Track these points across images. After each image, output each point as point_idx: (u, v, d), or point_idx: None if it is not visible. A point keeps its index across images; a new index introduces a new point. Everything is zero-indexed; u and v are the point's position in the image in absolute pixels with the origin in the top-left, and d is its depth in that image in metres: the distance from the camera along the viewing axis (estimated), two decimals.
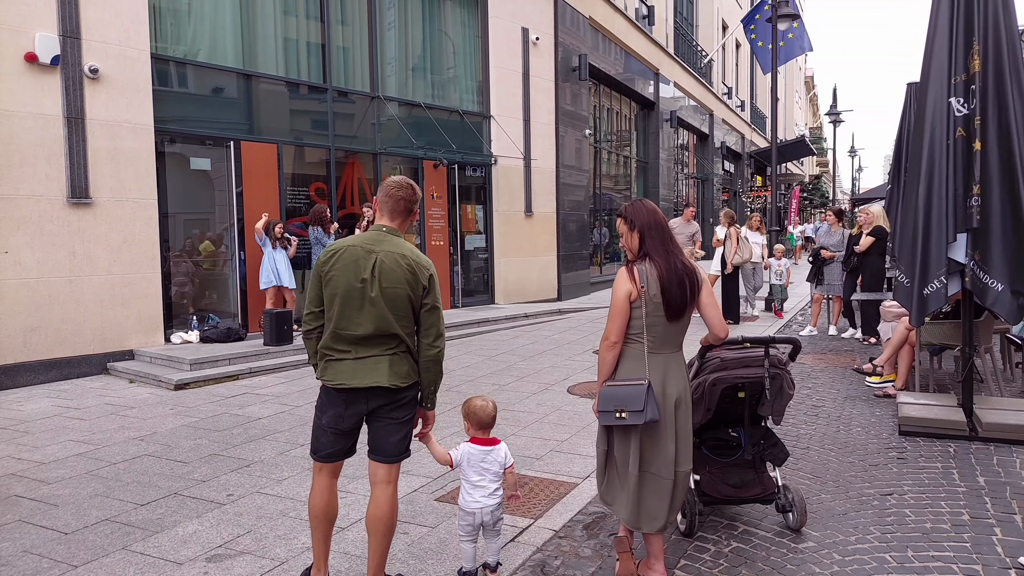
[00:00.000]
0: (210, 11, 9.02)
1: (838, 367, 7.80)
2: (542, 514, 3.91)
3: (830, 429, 5.47)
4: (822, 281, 9.84)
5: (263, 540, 3.65)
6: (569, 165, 14.21)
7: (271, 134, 9.53)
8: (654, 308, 2.94)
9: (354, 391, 2.87)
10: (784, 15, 12.67)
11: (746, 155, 31.29)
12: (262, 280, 8.61)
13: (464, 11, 12.47)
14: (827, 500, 4.05)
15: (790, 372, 3.59)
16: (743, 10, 28.23)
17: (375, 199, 3.10)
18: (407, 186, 3.02)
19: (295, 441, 5.29)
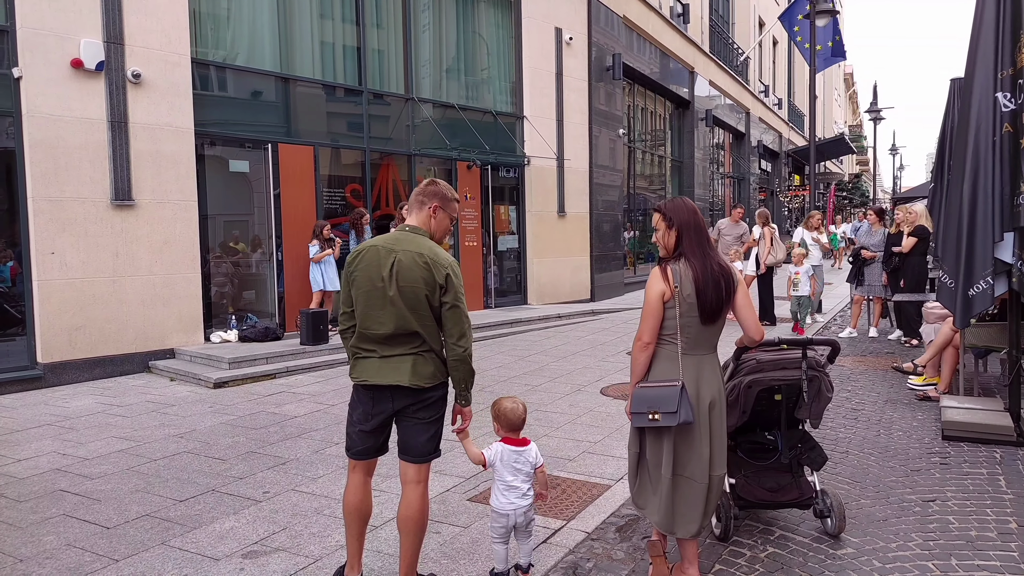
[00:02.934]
0: (248, 16, 9.19)
1: (878, 370, 7.61)
2: (574, 516, 3.89)
3: (870, 433, 5.34)
4: (862, 282, 9.62)
5: (298, 537, 3.69)
6: (603, 165, 14.14)
7: (308, 136, 9.67)
8: (688, 309, 2.90)
9: (379, 389, 2.90)
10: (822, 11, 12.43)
11: (783, 154, 30.75)
12: (313, 284, 8.83)
13: (498, 12, 12.50)
14: (867, 505, 3.95)
15: (828, 374, 3.51)
16: (780, 7, 27.74)
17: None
18: (428, 182, 3.07)
19: (330, 440, 5.35)
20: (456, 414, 3.07)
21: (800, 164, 33.02)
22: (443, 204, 3.02)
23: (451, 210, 3.07)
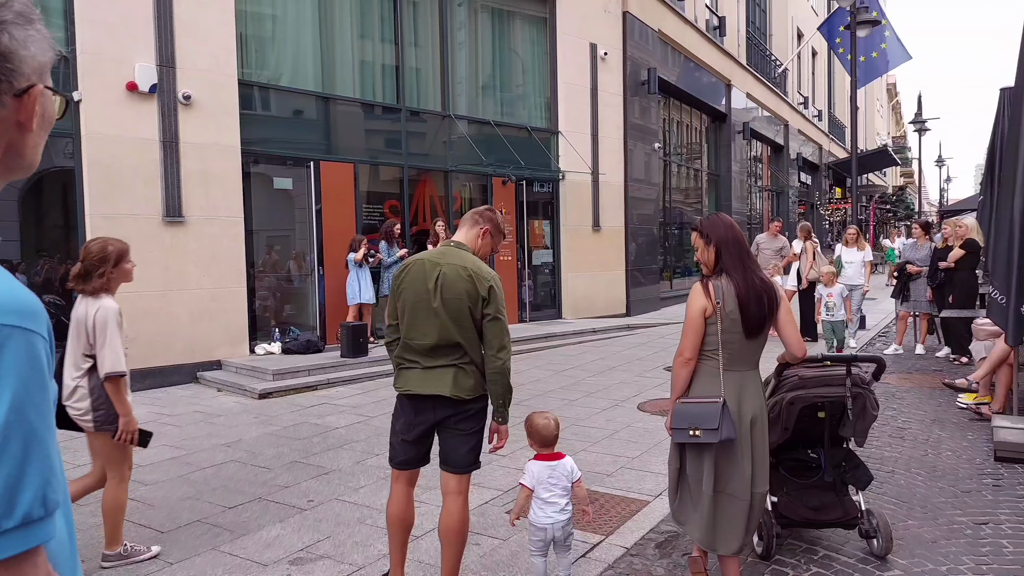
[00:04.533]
0: (292, 38, 9.47)
1: (925, 388, 7.44)
2: (613, 531, 3.90)
3: (917, 452, 5.23)
4: (908, 297, 9.40)
5: (341, 546, 3.77)
6: (638, 179, 14.12)
7: (348, 154, 9.88)
8: (730, 324, 2.91)
9: (421, 399, 2.98)
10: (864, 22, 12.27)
11: (824, 166, 30.28)
12: (349, 296, 8.98)
13: (532, 29, 12.64)
14: (914, 527, 3.88)
15: (874, 392, 3.47)
16: (819, 17, 27.44)
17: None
18: (486, 208, 3.23)
19: (370, 451, 5.44)
20: (493, 432, 3.12)
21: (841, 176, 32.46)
22: (493, 231, 3.14)
23: (498, 240, 3.21)
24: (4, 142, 0.95)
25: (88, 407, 3.41)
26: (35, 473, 0.82)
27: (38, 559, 0.83)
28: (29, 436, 0.82)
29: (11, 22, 0.91)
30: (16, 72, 0.92)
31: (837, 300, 8.70)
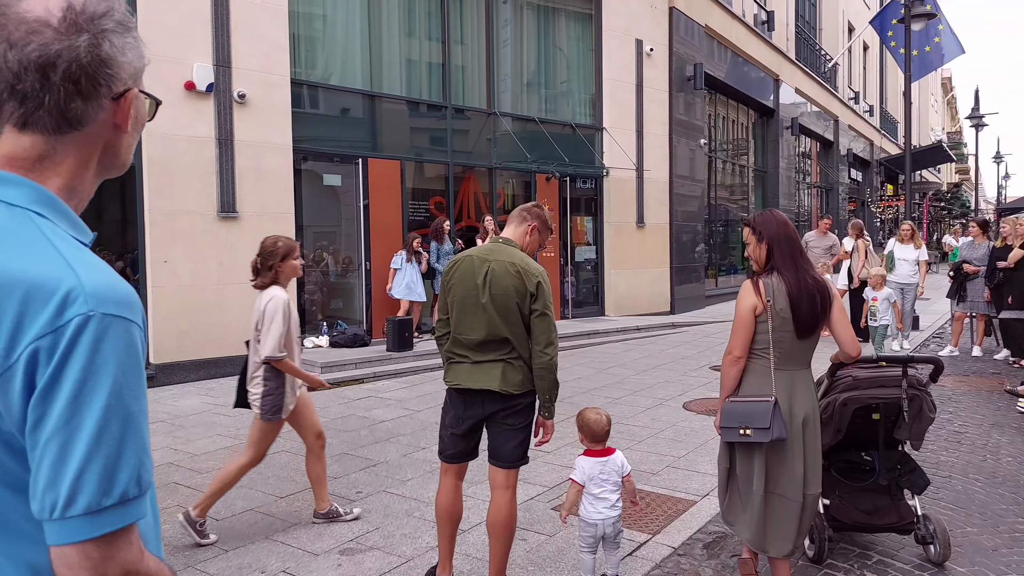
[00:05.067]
0: (341, 37, 9.63)
1: (983, 391, 7.21)
2: (660, 530, 3.89)
3: (975, 457, 5.08)
4: (964, 298, 9.10)
5: (390, 537, 3.84)
6: (683, 175, 13.97)
7: (395, 151, 10.01)
8: (781, 323, 2.88)
9: (470, 393, 3.02)
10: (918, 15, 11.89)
11: (875, 162, 29.46)
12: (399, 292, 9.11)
13: (578, 25, 12.60)
14: (973, 534, 3.77)
15: (931, 394, 3.39)
16: (871, 11, 26.67)
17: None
18: (534, 205, 3.26)
19: (417, 444, 5.53)
20: (539, 427, 3.14)
21: (893, 173, 31.55)
22: (541, 227, 3.17)
23: (545, 236, 3.24)
24: (102, 143, 1.01)
25: (260, 393, 3.73)
26: (131, 455, 0.87)
27: (132, 536, 0.88)
28: (127, 420, 0.87)
29: (112, 30, 0.97)
30: (115, 77, 0.98)
31: (882, 305, 8.14)
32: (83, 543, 0.84)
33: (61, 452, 0.83)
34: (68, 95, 0.94)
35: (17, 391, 0.84)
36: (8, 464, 0.87)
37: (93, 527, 0.84)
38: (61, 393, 0.83)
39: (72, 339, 0.84)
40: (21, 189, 0.93)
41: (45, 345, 0.84)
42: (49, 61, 0.91)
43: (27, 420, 0.85)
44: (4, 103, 0.93)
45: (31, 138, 0.95)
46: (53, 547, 0.85)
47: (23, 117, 0.94)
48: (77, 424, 0.83)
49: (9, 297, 0.85)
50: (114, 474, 0.85)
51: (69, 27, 0.93)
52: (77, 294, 0.85)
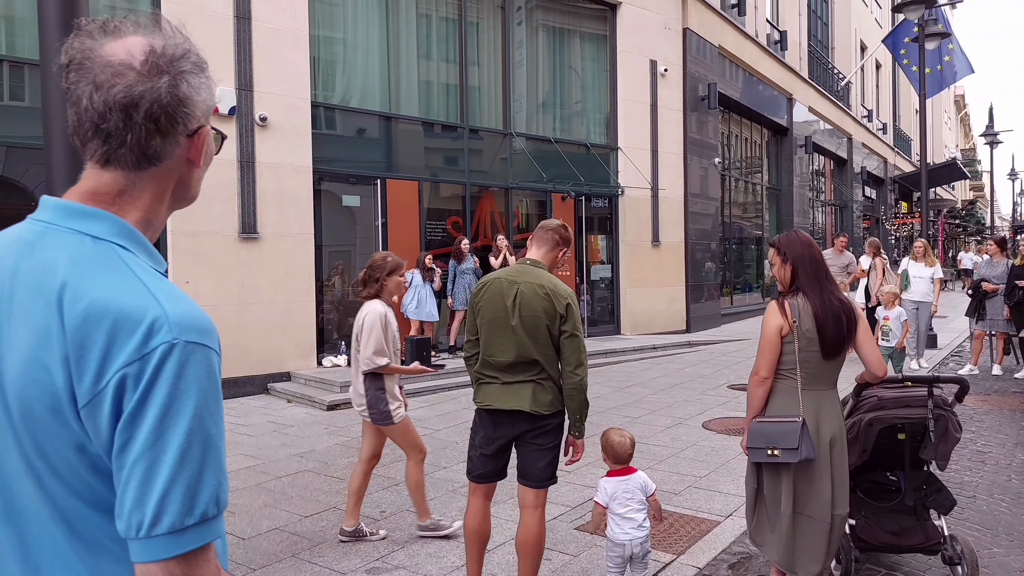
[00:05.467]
0: (361, 60, 9.81)
1: (1004, 409, 7.15)
2: (684, 550, 3.89)
3: (999, 477, 5.04)
4: (984, 316, 9.06)
5: (415, 556, 3.87)
6: (697, 194, 14.02)
7: (412, 172, 10.15)
8: (807, 343, 2.91)
9: (500, 413, 3.06)
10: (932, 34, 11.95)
11: (889, 180, 29.39)
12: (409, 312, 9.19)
13: (592, 46, 12.75)
14: (999, 555, 3.75)
15: (956, 414, 3.40)
16: (883, 29, 26.79)
17: (531, 236, 3.33)
18: (558, 224, 3.28)
19: (437, 464, 5.55)
20: (569, 445, 3.18)
21: (907, 191, 31.43)
22: (562, 243, 3.21)
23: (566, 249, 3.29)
24: (176, 177, 1.07)
25: (364, 404, 3.97)
26: (211, 476, 0.91)
27: (210, 554, 0.92)
28: (207, 442, 0.91)
29: (189, 71, 1.02)
30: (191, 115, 1.03)
31: (894, 324, 7.79)
32: (167, 560, 0.88)
33: (147, 474, 0.87)
34: (149, 133, 0.99)
35: (105, 416, 0.88)
36: (94, 485, 0.92)
37: (177, 545, 0.88)
38: (147, 417, 0.88)
39: (158, 366, 0.88)
40: (105, 223, 0.99)
41: (132, 372, 0.88)
42: (133, 102, 0.97)
43: (114, 443, 0.89)
44: (89, 141, 0.99)
45: (112, 174, 1.01)
46: (138, 564, 0.89)
47: (106, 155, 0.99)
48: (162, 447, 0.88)
49: (98, 326, 0.89)
50: (196, 494, 0.89)
51: (151, 69, 0.98)
52: (162, 323, 0.90)
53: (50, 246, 0.96)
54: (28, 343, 0.91)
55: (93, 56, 0.98)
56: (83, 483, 0.92)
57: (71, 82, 0.98)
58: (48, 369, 0.89)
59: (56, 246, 0.96)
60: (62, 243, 0.96)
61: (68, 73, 0.99)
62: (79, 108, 0.98)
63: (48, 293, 0.92)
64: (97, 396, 0.88)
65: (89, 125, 0.98)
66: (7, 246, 1.00)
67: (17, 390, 0.91)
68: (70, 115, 1.00)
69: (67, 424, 0.90)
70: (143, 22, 1.03)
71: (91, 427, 0.89)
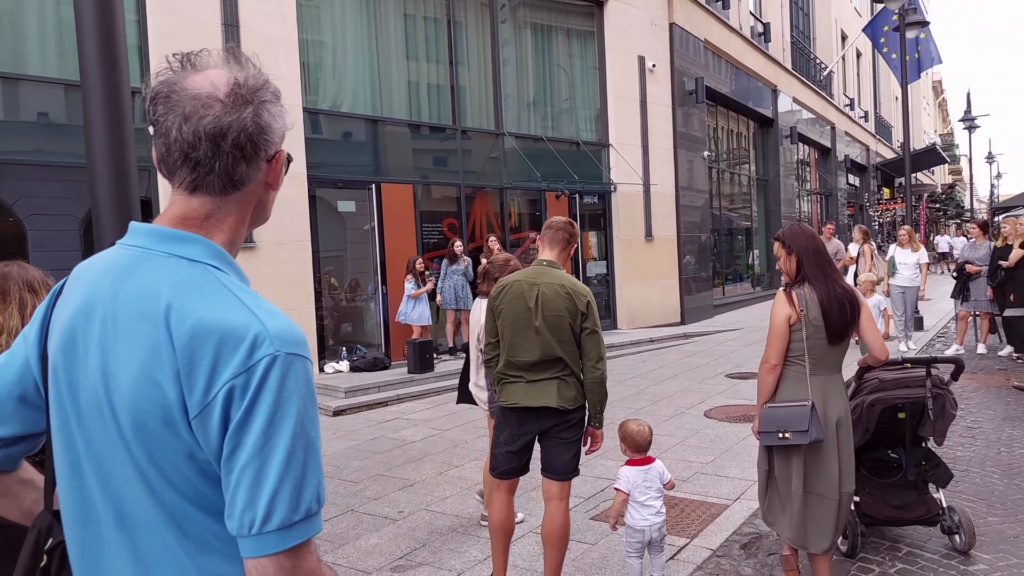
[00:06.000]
0: (351, 65, 9.89)
1: (991, 387, 7.38)
2: (697, 534, 4.05)
3: (990, 451, 5.25)
4: (968, 297, 9.29)
5: (438, 552, 4.00)
6: (688, 187, 14.21)
7: (407, 175, 10.25)
8: (814, 331, 3.06)
9: (527, 411, 3.19)
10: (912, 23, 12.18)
11: (872, 167, 29.77)
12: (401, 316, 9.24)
13: (581, 44, 12.89)
14: (995, 523, 3.94)
15: (952, 392, 3.57)
16: (863, 19, 27.11)
17: (538, 236, 3.47)
18: (565, 222, 3.42)
19: (450, 462, 5.68)
20: (588, 436, 3.32)
21: (889, 177, 31.84)
22: (571, 240, 3.36)
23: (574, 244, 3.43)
24: (255, 200, 1.14)
25: (485, 399, 4.08)
26: (313, 475, 0.98)
27: (312, 547, 0.99)
28: (308, 445, 0.98)
29: (268, 101, 1.10)
30: (270, 142, 1.10)
31: (874, 311, 7.65)
32: (277, 555, 0.95)
33: (257, 476, 0.94)
34: (235, 160, 1.06)
35: (215, 424, 0.95)
36: (203, 489, 0.99)
37: (285, 540, 0.95)
38: (255, 424, 0.94)
39: (262, 377, 0.95)
40: (198, 246, 1.05)
41: (239, 384, 0.94)
42: (221, 132, 1.03)
43: (223, 450, 0.95)
44: (178, 170, 1.05)
45: (200, 199, 1.07)
46: (249, 559, 0.96)
47: (194, 182, 1.06)
48: (269, 451, 0.94)
49: (205, 343, 0.96)
50: (301, 493, 0.96)
51: (236, 100, 1.05)
52: (263, 337, 0.96)
53: (148, 270, 1.03)
54: (138, 361, 0.98)
55: (178, 89, 1.04)
56: (192, 488, 0.99)
57: (159, 114, 1.04)
58: (160, 385, 0.96)
59: (154, 269, 1.03)
60: (160, 266, 1.03)
61: (156, 106, 1.05)
62: (168, 139, 1.04)
63: (154, 315, 0.98)
64: (207, 407, 0.95)
65: (179, 154, 1.04)
66: (101, 273, 1.07)
67: (129, 405, 0.98)
68: (158, 145, 1.06)
69: (178, 434, 0.97)
70: (221, 55, 1.10)
71: (201, 436, 0.96)
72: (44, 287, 2.06)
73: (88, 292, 1.07)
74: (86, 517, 1.06)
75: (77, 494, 1.06)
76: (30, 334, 1.16)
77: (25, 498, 1.22)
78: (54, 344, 1.08)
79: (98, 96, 2.25)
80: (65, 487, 1.08)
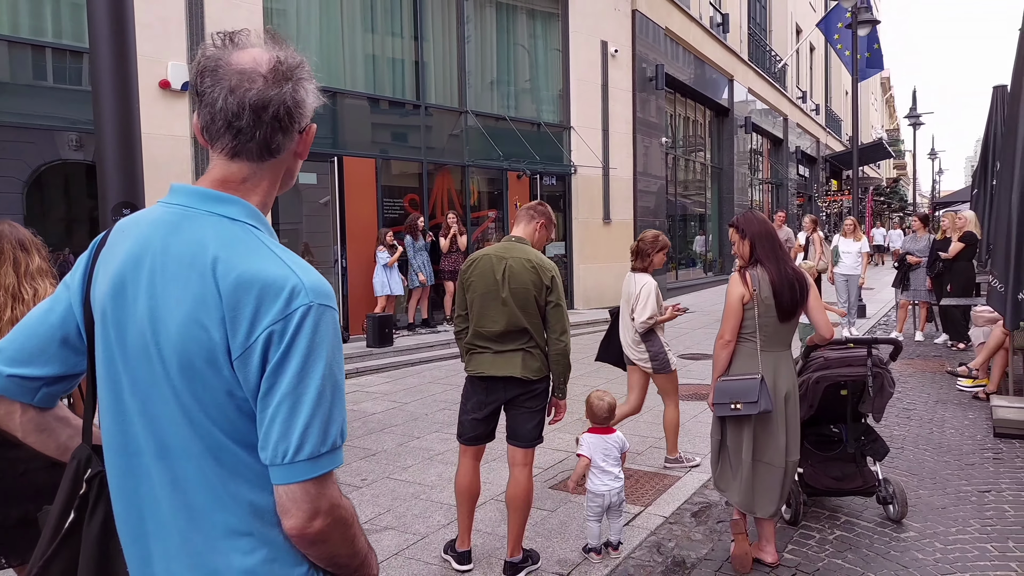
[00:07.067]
0: (317, 35, 9.74)
1: (927, 372, 7.82)
2: (651, 502, 4.25)
3: (923, 431, 5.60)
4: (908, 287, 9.77)
5: (402, 518, 4.10)
6: (645, 172, 14.45)
7: (369, 149, 10.19)
8: (766, 310, 3.25)
9: (493, 380, 3.31)
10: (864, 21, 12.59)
11: (821, 159, 30.67)
12: (377, 289, 9.33)
13: (545, 27, 12.92)
14: (925, 495, 4.24)
15: (891, 371, 3.83)
16: (817, 14, 27.75)
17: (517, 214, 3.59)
18: (536, 203, 3.57)
19: (410, 434, 5.78)
20: (552, 406, 3.46)
21: (837, 169, 32.86)
22: (547, 223, 3.49)
23: (551, 231, 3.56)
24: (285, 167, 1.24)
25: (648, 356, 4.74)
26: (338, 413, 1.09)
27: (334, 477, 1.11)
28: (335, 387, 1.09)
29: (304, 78, 1.19)
30: (303, 115, 1.20)
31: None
32: (305, 482, 1.06)
33: (291, 412, 1.04)
34: (273, 130, 1.15)
35: (255, 365, 1.05)
36: (238, 423, 1.09)
37: (314, 469, 1.06)
38: (290, 366, 1.05)
39: (298, 324, 1.06)
40: (237, 206, 1.15)
41: (278, 329, 1.05)
42: (263, 104, 1.13)
43: (260, 388, 1.06)
44: (220, 136, 1.15)
45: (239, 165, 1.17)
46: (280, 486, 1.07)
47: (235, 148, 1.15)
48: (302, 390, 1.05)
49: (248, 293, 1.06)
50: (328, 428, 1.07)
51: (277, 76, 1.15)
52: (299, 289, 1.07)
53: (195, 226, 1.12)
54: (187, 307, 1.07)
55: (224, 64, 1.13)
56: (229, 422, 1.09)
57: (205, 86, 1.13)
58: (206, 328, 1.06)
59: (200, 226, 1.12)
60: (205, 223, 1.12)
61: (203, 78, 1.14)
62: (214, 108, 1.13)
63: (202, 266, 1.08)
64: (248, 349, 1.05)
65: (222, 123, 1.13)
66: (151, 226, 1.15)
67: (177, 346, 1.07)
68: (203, 114, 1.15)
69: (221, 373, 1.07)
70: (259, 36, 1.19)
71: (241, 375, 1.07)
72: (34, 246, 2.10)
73: (136, 244, 1.15)
74: (127, 448, 1.14)
75: (119, 428, 1.15)
76: (72, 282, 1.24)
77: (61, 433, 1.30)
78: (102, 291, 1.16)
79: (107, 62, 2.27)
80: (108, 421, 1.17)
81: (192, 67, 1.18)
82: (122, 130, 2.37)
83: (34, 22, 7.55)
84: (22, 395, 1.23)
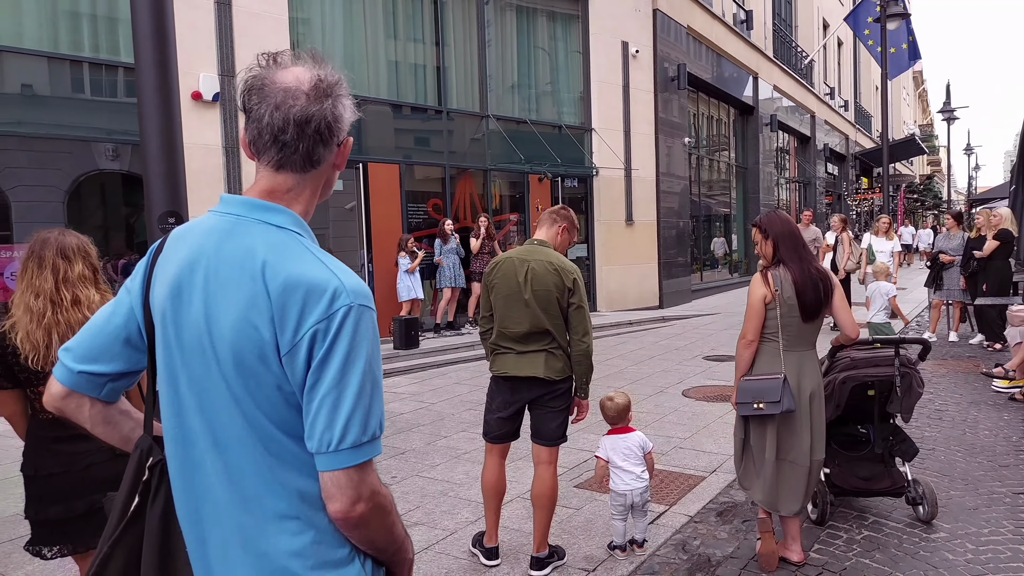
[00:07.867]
0: (340, 44, 9.89)
1: (960, 372, 7.68)
2: (676, 502, 4.26)
3: (955, 432, 5.51)
4: (941, 286, 9.58)
5: (431, 514, 4.17)
6: (668, 173, 14.39)
7: (393, 155, 10.31)
8: (788, 310, 3.25)
9: (517, 380, 3.36)
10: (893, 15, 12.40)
11: (850, 156, 30.21)
12: (401, 294, 9.46)
13: (565, 29, 12.96)
14: (956, 496, 4.18)
15: (919, 372, 3.79)
16: (845, 8, 27.37)
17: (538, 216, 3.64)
18: (558, 207, 3.62)
19: (438, 434, 5.85)
20: (575, 406, 3.50)
21: (868, 166, 32.33)
22: (570, 227, 3.53)
23: (574, 235, 3.60)
24: (325, 178, 1.33)
25: None
26: (377, 406, 1.18)
27: (374, 466, 1.20)
28: (375, 381, 1.18)
29: (342, 95, 1.28)
30: (342, 129, 1.29)
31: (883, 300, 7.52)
32: (348, 469, 1.15)
33: (335, 404, 1.13)
34: (315, 143, 1.25)
35: (301, 361, 1.14)
36: (286, 415, 1.18)
37: (357, 456, 1.15)
38: (334, 362, 1.14)
39: (340, 323, 1.15)
40: (283, 215, 1.25)
41: (322, 328, 1.14)
42: (306, 119, 1.22)
43: (306, 382, 1.15)
44: (267, 150, 1.24)
45: (284, 176, 1.26)
46: (325, 473, 1.15)
47: (280, 160, 1.25)
48: (345, 384, 1.14)
49: (295, 294, 1.15)
50: (368, 419, 1.16)
51: (318, 94, 1.24)
52: (341, 291, 1.16)
53: (245, 233, 1.22)
54: (239, 307, 1.17)
55: (268, 83, 1.23)
56: (278, 414, 1.18)
57: (252, 103, 1.23)
58: (257, 327, 1.15)
59: (250, 233, 1.22)
60: (254, 231, 1.22)
61: (249, 96, 1.24)
62: (261, 124, 1.22)
63: (252, 269, 1.17)
64: (295, 346, 1.14)
65: (269, 137, 1.23)
66: (204, 234, 1.25)
67: (230, 343, 1.17)
68: (250, 129, 1.25)
69: (270, 368, 1.16)
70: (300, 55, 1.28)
71: (289, 370, 1.15)
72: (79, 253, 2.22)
73: (192, 250, 1.25)
74: (185, 439, 1.24)
75: (178, 420, 1.25)
76: (133, 286, 1.35)
77: (124, 425, 1.42)
78: (161, 293, 1.26)
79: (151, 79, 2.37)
80: (168, 414, 1.27)
81: (239, 85, 1.28)
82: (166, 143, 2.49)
83: (72, 37, 7.80)
84: (90, 390, 1.34)
